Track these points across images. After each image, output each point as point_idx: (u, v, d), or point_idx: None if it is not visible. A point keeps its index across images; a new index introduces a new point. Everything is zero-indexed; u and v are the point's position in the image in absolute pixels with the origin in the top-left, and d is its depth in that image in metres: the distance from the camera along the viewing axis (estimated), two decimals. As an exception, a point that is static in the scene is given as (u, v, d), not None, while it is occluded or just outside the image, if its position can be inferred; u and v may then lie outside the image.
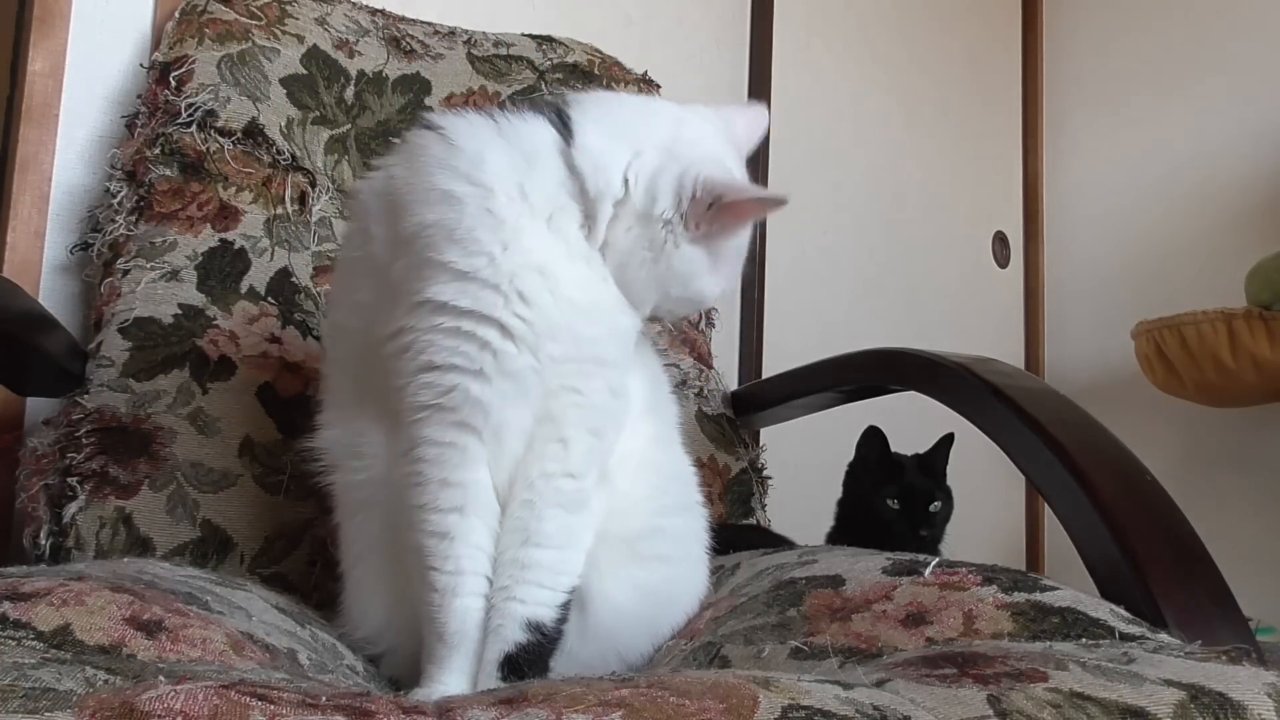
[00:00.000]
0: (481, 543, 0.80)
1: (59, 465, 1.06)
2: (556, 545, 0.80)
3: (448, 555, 0.79)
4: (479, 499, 0.79)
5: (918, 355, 1.17)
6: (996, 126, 2.52)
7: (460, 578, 0.79)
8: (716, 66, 2.04)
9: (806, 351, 1.51)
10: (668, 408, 0.98)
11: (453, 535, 0.79)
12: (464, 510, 0.79)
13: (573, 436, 0.81)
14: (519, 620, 0.78)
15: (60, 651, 0.59)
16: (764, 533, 1.42)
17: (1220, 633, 0.76)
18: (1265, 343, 1.71)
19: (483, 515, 0.80)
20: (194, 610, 0.72)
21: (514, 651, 0.77)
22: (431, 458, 0.79)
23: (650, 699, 0.52)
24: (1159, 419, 2.12)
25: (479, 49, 1.54)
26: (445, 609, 0.79)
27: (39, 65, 1.31)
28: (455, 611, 0.78)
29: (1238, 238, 2.08)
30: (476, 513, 0.79)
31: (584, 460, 0.81)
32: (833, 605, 0.85)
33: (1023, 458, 0.96)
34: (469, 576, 0.79)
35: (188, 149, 1.24)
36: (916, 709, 0.55)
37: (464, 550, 0.79)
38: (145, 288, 1.17)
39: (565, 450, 0.80)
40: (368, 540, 0.88)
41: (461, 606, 0.78)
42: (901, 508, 1.44)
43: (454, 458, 0.78)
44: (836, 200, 2.19)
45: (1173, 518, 0.85)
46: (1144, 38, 2.38)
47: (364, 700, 0.52)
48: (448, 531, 0.79)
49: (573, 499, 0.81)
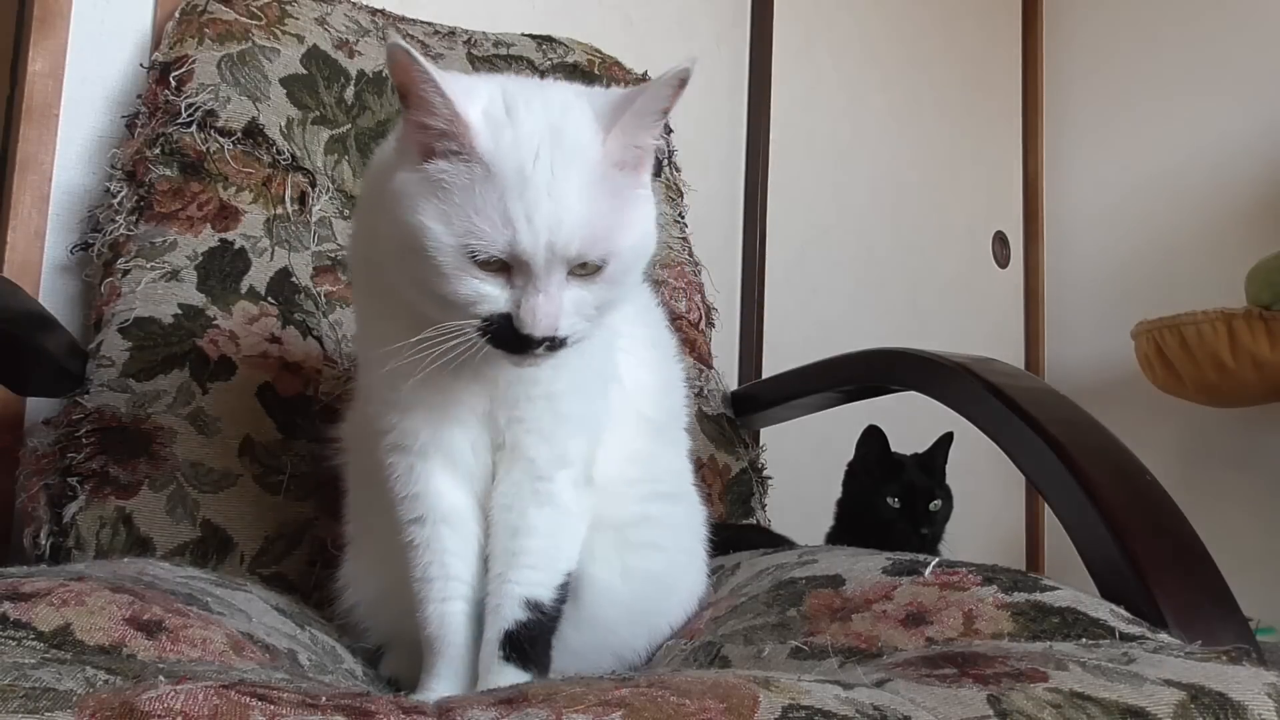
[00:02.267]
0: (450, 547, 0.81)
1: (59, 465, 1.06)
2: (544, 535, 0.80)
3: (416, 563, 0.81)
4: (437, 508, 0.80)
5: (918, 355, 1.17)
6: (996, 126, 2.52)
7: (429, 585, 0.80)
8: (716, 66, 2.04)
9: (806, 351, 1.51)
10: (672, 394, 0.98)
11: (417, 544, 0.81)
12: (423, 520, 0.81)
13: (539, 455, 0.80)
14: (517, 599, 0.78)
15: (60, 651, 0.59)
16: (764, 533, 1.42)
17: (1220, 633, 0.76)
18: (1265, 343, 1.71)
19: (447, 522, 0.81)
20: (194, 611, 0.72)
21: (514, 629, 0.77)
22: (391, 474, 0.81)
23: (650, 699, 0.52)
24: (1159, 419, 2.12)
25: (479, 49, 1.54)
26: (422, 614, 0.81)
27: (39, 65, 1.31)
28: (430, 618, 0.80)
29: (1238, 238, 2.08)
30: (437, 520, 0.80)
31: (553, 464, 0.80)
32: (833, 605, 0.85)
33: (1023, 458, 0.96)
34: (436, 583, 0.80)
35: (188, 149, 1.24)
36: (916, 709, 0.55)
37: (429, 558, 0.80)
38: (145, 288, 1.17)
39: (532, 462, 0.80)
40: (370, 515, 0.91)
41: (436, 612, 0.80)
42: (902, 506, 1.44)
43: (405, 472, 0.80)
44: (836, 200, 2.19)
45: (1173, 518, 0.85)
46: (1144, 38, 2.38)
47: (364, 700, 0.52)
48: (412, 540, 0.81)
49: (550, 499, 0.80)
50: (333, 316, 1.26)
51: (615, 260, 0.68)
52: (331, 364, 1.22)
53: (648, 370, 0.92)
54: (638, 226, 0.69)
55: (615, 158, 0.68)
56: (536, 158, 0.65)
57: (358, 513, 0.95)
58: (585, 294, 0.68)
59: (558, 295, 0.66)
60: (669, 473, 0.97)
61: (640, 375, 0.90)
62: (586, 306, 0.68)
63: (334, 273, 1.29)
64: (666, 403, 0.97)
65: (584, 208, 0.65)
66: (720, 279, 1.78)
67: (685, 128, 1.76)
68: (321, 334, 1.24)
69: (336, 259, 1.29)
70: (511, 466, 0.80)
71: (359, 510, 0.95)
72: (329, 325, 1.25)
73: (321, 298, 1.26)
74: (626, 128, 0.67)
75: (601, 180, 0.67)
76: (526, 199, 0.64)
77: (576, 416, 0.80)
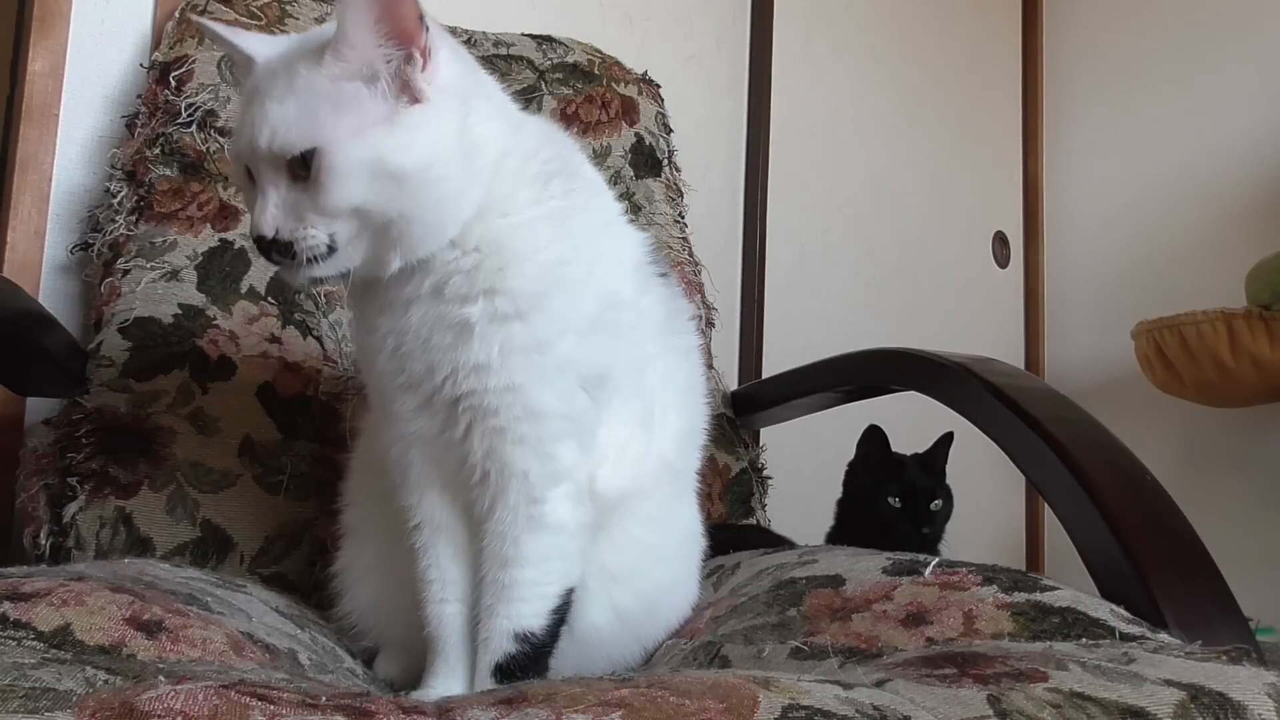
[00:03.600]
0: (445, 553, 0.82)
1: (59, 465, 1.06)
2: (534, 563, 0.78)
3: (418, 563, 0.82)
4: (432, 519, 0.82)
5: (918, 355, 1.17)
6: (996, 126, 2.52)
7: (428, 586, 0.82)
8: (716, 66, 2.04)
9: (806, 351, 1.51)
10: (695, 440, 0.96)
11: (418, 548, 0.82)
12: (420, 528, 0.82)
13: (530, 468, 0.77)
14: (505, 634, 0.77)
15: (60, 651, 0.59)
16: (764, 533, 1.42)
17: (1220, 633, 0.76)
18: (1265, 343, 1.71)
19: (441, 532, 0.82)
20: (194, 611, 0.72)
21: (504, 661, 0.77)
22: (393, 476, 0.83)
23: (650, 699, 0.52)
24: (1159, 419, 2.12)
25: (479, 49, 1.54)
26: (423, 613, 0.82)
27: (39, 65, 1.31)
28: (429, 618, 0.82)
29: (1238, 238, 2.08)
30: (434, 529, 0.82)
31: (545, 483, 0.77)
32: (833, 605, 0.85)
33: (1023, 458, 0.96)
34: (435, 585, 0.82)
35: (188, 149, 1.24)
36: (916, 709, 0.55)
37: (427, 561, 0.82)
38: (145, 288, 1.17)
39: (525, 479, 0.77)
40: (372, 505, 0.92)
41: (434, 613, 0.81)
42: (903, 506, 1.44)
43: (404, 479, 0.82)
44: (836, 200, 2.19)
45: (1173, 518, 0.85)
46: (1144, 37, 2.38)
47: (364, 700, 0.52)
48: (413, 542, 0.82)
49: (542, 523, 0.78)
50: (333, 316, 1.26)
51: (323, 158, 0.68)
52: (331, 364, 1.22)
53: (677, 413, 0.90)
54: (368, 135, 0.69)
55: (341, 72, 0.69)
56: (272, 77, 0.71)
57: (360, 500, 0.94)
58: (302, 196, 0.69)
59: (271, 195, 0.70)
60: (674, 530, 0.95)
61: (670, 418, 0.88)
62: (302, 208, 0.70)
63: (334, 273, 1.29)
64: (690, 450, 0.95)
65: (283, 108, 0.69)
66: (720, 279, 1.78)
67: (685, 128, 1.76)
68: (321, 334, 1.24)
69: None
70: (505, 488, 0.77)
71: (362, 498, 0.94)
72: (329, 325, 1.25)
73: (321, 298, 1.26)
74: (343, 44, 0.69)
75: (317, 91, 0.69)
76: (250, 109, 0.72)
77: (552, 413, 0.76)
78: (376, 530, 0.91)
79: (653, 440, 0.86)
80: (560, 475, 0.78)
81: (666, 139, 1.69)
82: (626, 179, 1.60)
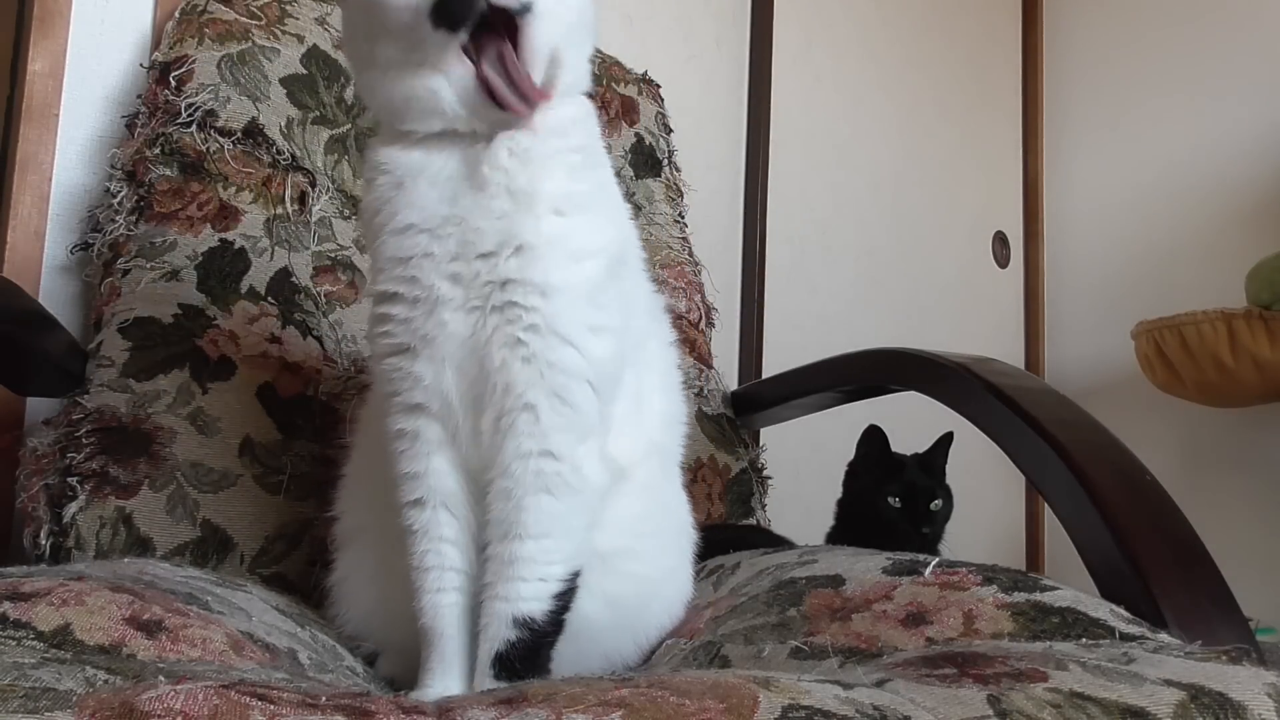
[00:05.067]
0: (447, 535, 0.78)
1: (59, 465, 1.06)
2: (538, 535, 0.75)
3: (413, 550, 0.79)
4: (438, 489, 0.77)
5: (918, 355, 1.17)
6: (996, 126, 2.52)
7: (425, 574, 0.78)
8: (716, 66, 2.04)
9: (806, 351, 1.51)
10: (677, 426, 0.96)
11: (415, 529, 0.78)
12: (423, 503, 0.78)
13: (538, 402, 0.74)
14: (505, 619, 0.74)
15: (60, 651, 0.59)
16: (764, 533, 1.42)
17: (1220, 633, 0.76)
18: (1265, 343, 1.71)
19: (448, 506, 0.78)
20: (194, 610, 0.72)
21: (504, 650, 0.74)
22: (395, 450, 0.78)
23: (650, 699, 0.52)
24: (1159, 419, 2.12)
25: (479, 49, 1.54)
26: (418, 604, 0.79)
27: (39, 65, 1.31)
28: (425, 608, 0.78)
29: (1238, 238, 2.08)
30: (437, 504, 0.78)
31: (562, 434, 0.74)
32: (833, 605, 0.85)
33: (1023, 458, 0.96)
34: (432, 573, 0.78)
35: (188, 149, 1.24)
36: (916, 709, 0.55)
37: (426, 545, 0.78)
38: (145, 288, 1.17)
39: (535, 421, 0.74)
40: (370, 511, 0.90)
41: (430, 603, 0.78)
42: (903, 506, 1.44)
43: (409, 446, 0.78)
44: (836, 201, 2.19)
45: (1173, 518, 0.85)
46: (1144, 38, 2.38)
47: (364, 700, 0.52)
48: (411, 524, 0.78)
49: (556, 482, 0.74)
50: (333, 316, 1.26)
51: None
52: (331, 364, 1.22)
53: (660, 396, 0.92)
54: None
55: None
56: None
57: (357, 507, 0.93)
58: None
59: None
60: (661, 507, 0.94)
61: (654, 400, 0.90)
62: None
63: (334, 273, 1.29)
64: (673, 433, 0.96)
65: None
66: (720, 279, 1.78)
67: (685, 128, 1.76)
68: (321, 334, 1.24)
69: (336, 259, 1.29)
70: (514, 433, 0.74)
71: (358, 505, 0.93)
72: (329, 325, 1.25)
73: (321, 298, 1.26)
74: None
75: None
76: None
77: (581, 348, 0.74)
78: (375, 537, 0.89)
79: (641, 418, 0.86)
80: (575, 424, 0.75)
81: (666, 139, 1.69)
82: (626, 179, 1.60)
